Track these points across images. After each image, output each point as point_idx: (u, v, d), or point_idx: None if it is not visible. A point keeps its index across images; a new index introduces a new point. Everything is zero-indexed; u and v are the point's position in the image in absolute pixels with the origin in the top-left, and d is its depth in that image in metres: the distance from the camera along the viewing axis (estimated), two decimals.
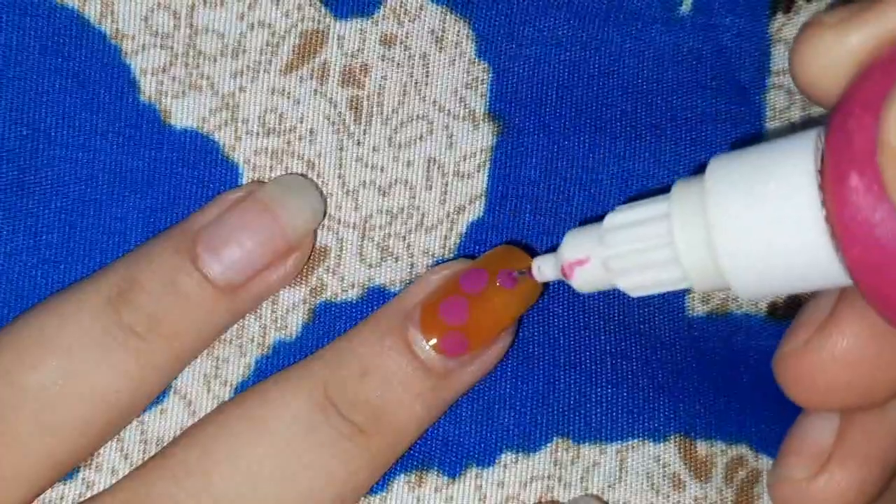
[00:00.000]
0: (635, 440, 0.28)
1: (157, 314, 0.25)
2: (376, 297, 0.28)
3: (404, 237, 0.28)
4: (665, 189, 0.22)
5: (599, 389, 0.28)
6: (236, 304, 0.26)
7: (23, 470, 0.24)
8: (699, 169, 0.28)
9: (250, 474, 0.24)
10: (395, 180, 0.28)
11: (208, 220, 0.26)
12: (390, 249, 0.28)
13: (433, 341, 0.25)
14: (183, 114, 0.27)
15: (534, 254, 0.26)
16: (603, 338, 0.28)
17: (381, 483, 0.27)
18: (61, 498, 0.26)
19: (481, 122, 0.28)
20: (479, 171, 0.28)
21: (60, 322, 0.25)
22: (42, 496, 0.25)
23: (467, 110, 0.28)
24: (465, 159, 0.28)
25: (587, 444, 0.28)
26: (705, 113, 0.29)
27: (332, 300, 0.28)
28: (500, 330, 0.26)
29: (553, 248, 0.25)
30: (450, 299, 0.25)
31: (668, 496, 0.28)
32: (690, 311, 0.29)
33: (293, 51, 0.27)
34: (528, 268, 0.25)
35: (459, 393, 0.26)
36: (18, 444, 0.24)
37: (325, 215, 0.27)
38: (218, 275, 0.25)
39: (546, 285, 0.27)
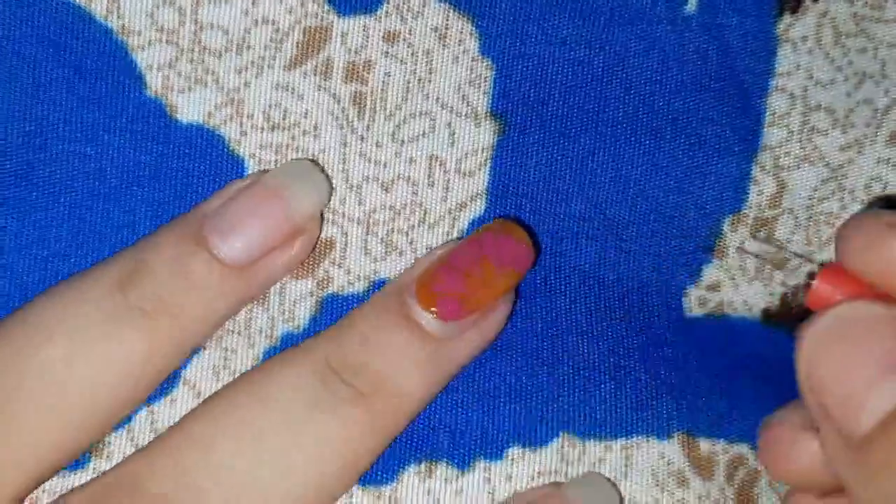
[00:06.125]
0: (640, 437, 0.28)
1: (165, 295, 0.25)
2: None
3: (407, 233, 0.28)
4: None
5: (603, 386, 0.28)
6: (243, 287, 0.26)
7: (27, 453, 0.24)
8: (693, 174, 0.28)
9: (254, 445, 0.25)
10: (398, 176, 0.28)
11: (216, 205, 0.26)
12: (394, 244, 0.28)
13: (429, 307, 0.26)
14: (189, 108, 0.28)
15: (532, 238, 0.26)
16: (606, 336, 0.29)
17: (392, 474, 0.27)
18: (72, 487, 0.26)
19: (483, 120, 0.28)
20: (480, 170, 0.28)
21: (68, 304, 0.25)
22: (52, 486, 0.26)
23: (470, 108, 0.28)
24: (466, 157, 0.28)
25: (592, 440, 0.28)
26: (705, 117, 0.29)
27: (339, 293, 0.28)
28: (496, 296, 0.26)
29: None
30: (444, 269, 0.26)
31: (673, 493, 0.28)
32: (689, 312, 0.29)
33: (297, 47, 0.27)
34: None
35: (459, 364, 0.27)
36: (23, 427, 0.24)
37: (330, 198, 0.28)
38: (225, 255, 0.26)
39: (536, 265, 0.28)
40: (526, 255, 0.26)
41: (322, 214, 0.28)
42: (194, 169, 0.28)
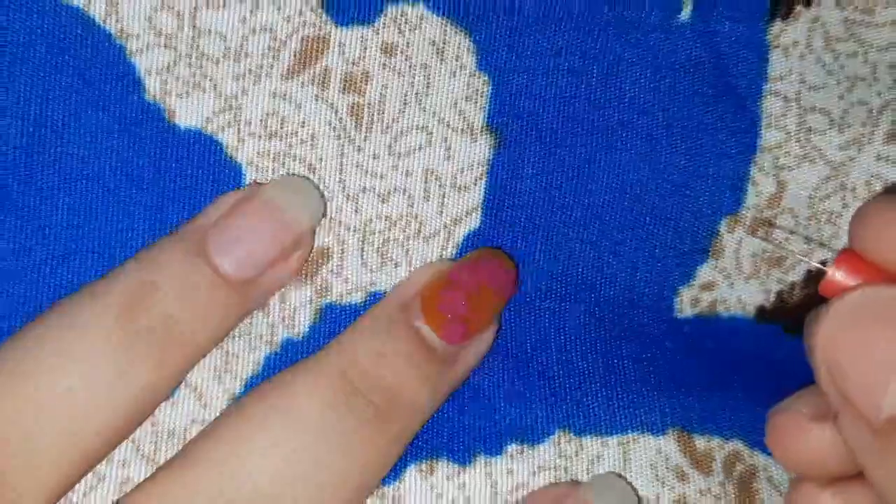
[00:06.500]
0: (635, 433, 0.29)
1: (175, 315, 0.25)
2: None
3: (403, 244, 0.29)
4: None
5: (596, 384, 0.29)
6: (247, 300, 0.27)
7: (44, 480, 0.25)
8: (691, 178, 0.29)
9: (281, 461, 0.25)
10: (394, 188, 0.28)
11: (215, 220, 0.27)
12: (390, 255, 0.29)
13: (437, 330, 0.26)
14: (187, 113, 0.28)
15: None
16: (597, 335, 0.29)
17: (394, 473, 0.28)
18: (72, 490, 0.27)
19: (479, 134, 0.28)
20: (475, 184, 0.29)
21: (79, 332, 0.25)
22: None
23: (466, 123, 0.28)
24: (462, 172, 0.29)
25: (588, 436, 0.29)
26: (702, 123, 0.29)
27: (338, 303, 0.28)
28: (490, 319, 0.27)
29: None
30: (448, 289, 0.27)
31: (674, 487, 0.28)
32: (679, 313, 0.30)
33: (294, 56, 0.28)
34: None
35: (462, 376, 0.28)
36: (40, 456, 0.24)
37: (324, 213, 0.28)
38: (231, 272, 0.26)
39: (533, 271, 0.29)
40: (512, 281, 0.28)
41: (314, 229, 0.28)
42: (192, 174, 0.28)
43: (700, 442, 0.29)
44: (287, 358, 0.28)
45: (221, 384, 0.28)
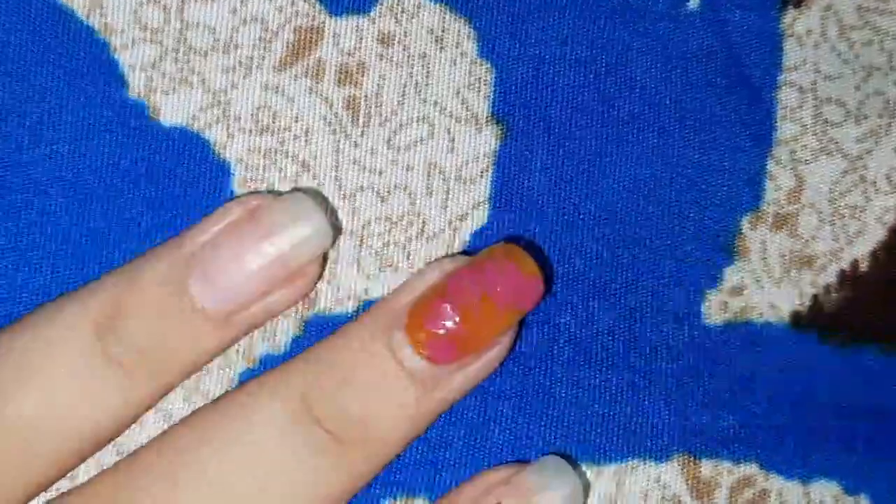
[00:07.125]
0: (636, 460, 0.27)
1: (145, 346, 0.24)
2: None
3: (404, 246, 0.27)
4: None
5: (600, 406, 0.27)
6: (227, 333, 0.25)
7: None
8: (705, 172, 0.27)
9: (218, 484, 0.23)
10: (395, 185, 0.27)
11: (203, 241, 0.24)
12: (389, 259, 0.27)
13: (419, 348, 0.24)
14: (172, 111, 0.26)
15: (536, 253, 0.25)
16: (608, 351, 0.27)
17: None
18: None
19: (484, 124, 0.27)
20: (482, 176, 0.27)
21: (45, 350, 0.23)
22: None
23: (470, 112, 0.27)
24: (467, 164, 0.27)
25: (583, 464, 0.27)
26: (714, 114, 0.28)
27: (326, 313, 0.27)
28: (494, 336, 0.24)
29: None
30: (439, 304, 0.24)
31: None
32: (707, 319, 0.28)
33: (287, 47, 0.26)
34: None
35: (449, 403, 0.25)
36: None
37: (334, 241, 0.26)
38: (210, 305, 0.24)
39: (548, 291, 0.26)
40: (533, 289, 0.24)
41: (326, 256, 0.26)
42: (177, 174, 0.26)
43: (707, 467, 0.27)
44: None
45: (191, 405, 0.26)
